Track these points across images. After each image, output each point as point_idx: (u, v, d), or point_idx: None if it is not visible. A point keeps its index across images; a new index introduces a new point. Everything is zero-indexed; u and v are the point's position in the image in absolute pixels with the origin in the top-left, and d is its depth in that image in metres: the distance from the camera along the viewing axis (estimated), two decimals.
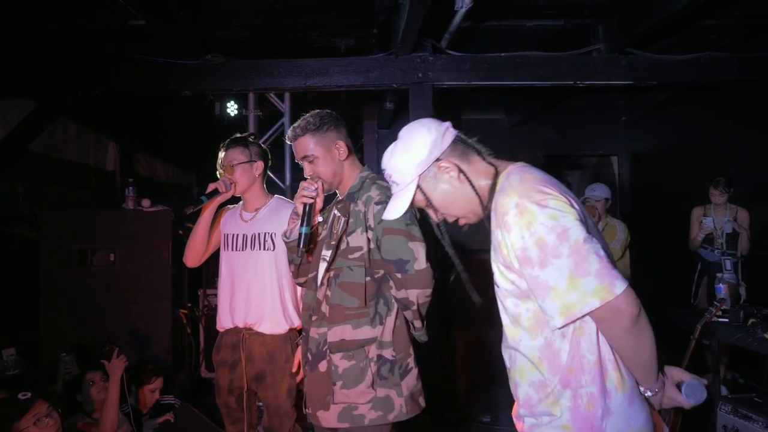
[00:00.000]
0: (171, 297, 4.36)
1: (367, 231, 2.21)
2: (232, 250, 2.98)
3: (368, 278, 2.21)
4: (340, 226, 2.26)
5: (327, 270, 2.26)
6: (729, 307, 3.62)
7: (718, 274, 4.04)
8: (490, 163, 1.59)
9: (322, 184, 2.26)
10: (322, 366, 2.24)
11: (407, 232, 2.16)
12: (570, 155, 7.40)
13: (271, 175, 4.79)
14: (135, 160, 6.07)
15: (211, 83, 4.25)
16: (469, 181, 1.56)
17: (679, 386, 1.53)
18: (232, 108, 4.62)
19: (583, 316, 1.37)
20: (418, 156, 1.56)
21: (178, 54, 4.07)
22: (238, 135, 2.98)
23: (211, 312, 4.60)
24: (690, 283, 4.78)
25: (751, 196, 4.99)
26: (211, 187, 2.79)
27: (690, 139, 5.91)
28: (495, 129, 6.38)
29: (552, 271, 1.35)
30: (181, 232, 4.34)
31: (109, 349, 3.26)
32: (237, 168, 2.89)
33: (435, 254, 2.94)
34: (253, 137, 3.01)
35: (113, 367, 3.17)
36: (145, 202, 4.31)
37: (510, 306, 1.52)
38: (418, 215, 2.18)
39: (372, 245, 2.21)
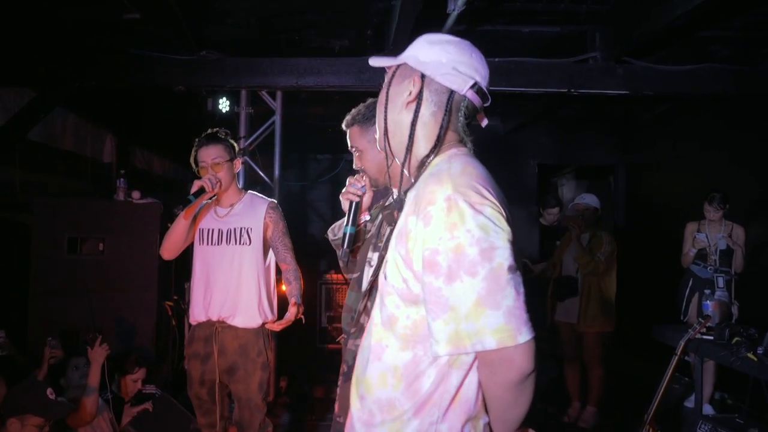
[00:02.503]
0: (157, 289, 4.39)
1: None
2: (208, 244, 3.01)
3: None
4: (386, 235, 2.07)
5: (374, 278, 2.05)
6: (714, 325, 3.57)
7: (706, 291, 3.97)
8: (439, 135, 1.32)
9: (369, 180, 2.14)
10: None
11: None
12: (565, 164, 7.34)
13: (260, 173, 4.81)
14: (132, 153, 6.14)
15: (204, 79, 4.29)
16: (414, 116, 1.33)
17: None
18: (224, 104, 4.66)
19: (470, 353, 1.16)
20: (422, 54, 1.35)
21: (173, 49, 4.11)
22: (215, 131, 2.99)
23: None
24: (681, 299, 4.72)
25: (749, 213, 4.92)
26: (196, 185, 2.80)
27: (688, 153, 5.85)
28: (489, 135, 6.35)
29: (458, 289, 1.12)
30: (169, 224, 4.36)
31: (93, 337, 3.30)
32: (222, 165, 2.92)
33: None
34: (226, 134, 3.02)
35: (95, 354, 3.21)
36: (135, 194, 4.35)
37: (389, 305, 1.28)
38: None
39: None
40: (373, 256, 2.18)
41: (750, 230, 4.62)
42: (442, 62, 1.32)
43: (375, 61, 1.47)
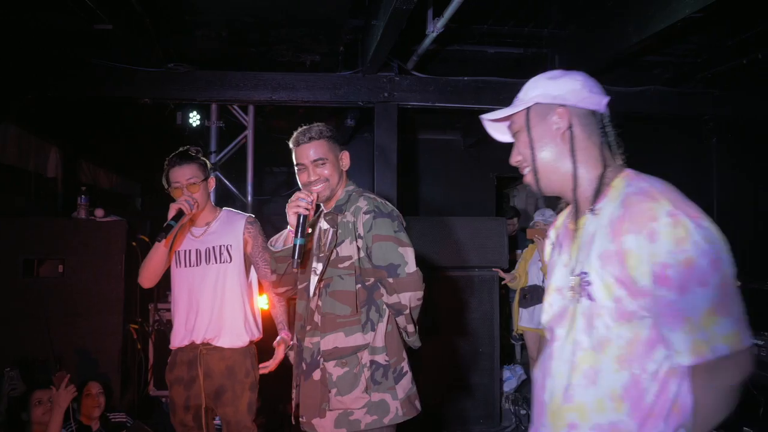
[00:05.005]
0: (123, 311, 4.18)
1: (356, 240, 2.27)
2: (186, 266, 2.91)
3: (359, 286, 2.26)
4: (329, 238, 2.32)
5: (319, 281, 2.30)
6: None
7: None
8: (604, 158, 1.40)
9: (317, 195, 2.29)
10: (316, 374, 2.26)
11: (396, 239, 2.25)
12: (521, 176, 7.65)
13: (233, 189, 4.71)
14: (78, 167, 5.79)
15: (173, 92, 4.16)
16: (571, 147, 1.39)
17: None
18: (194, 118, 4.52)
19: (714, 360, 1.20)
20: (552, 89, 1.42)
21: (141, 61, 3.96)
22: (187, 150, 2.88)
23: (162, 327, 4.44)
24: None
25: None
26: (174, 208, 2.65)
27: (638, 168, 6.25)
28: (450, 149, 6.55)
29: (692, 299, 1.18)
30: (134, 243, 4.19)
31: (59, 376, 3.07)
32: (198, 185, 2.84)
33: None
34: (197, 151, 2.93)
35: (60, 397, 2.99)
36: (99, 212, 4.13)
37: (600, 327, 1.29)
38: (405, 223, 2.28)
39: (362, 254, 2.26)
40: (318, 265, 2.34)
41: None
42: (577, 89, 1.40)
43: (493, 115, 1.52)
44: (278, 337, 3.04)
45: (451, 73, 4.46)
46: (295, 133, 2.36)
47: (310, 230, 2.38)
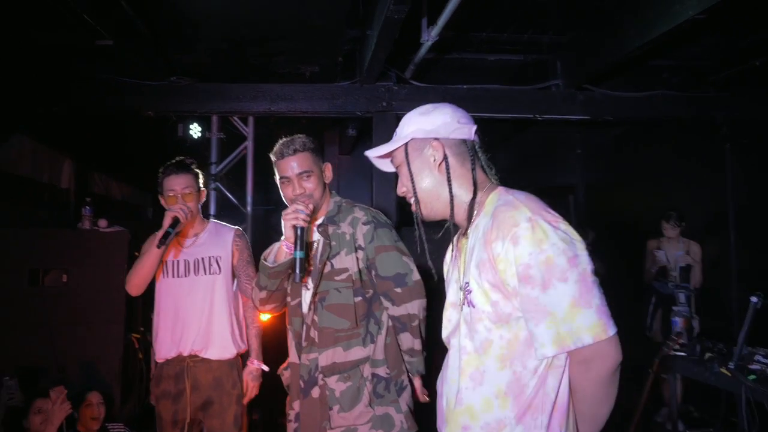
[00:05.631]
0: (124, 321, 4.23)
1: (356, 251, 2.23)
2: (174, 276, 2.91)
3: (358, 298, 2.22)
4: (320, 250, 2.27)
5: (313, 295, 2.25)
6: (685, 341, 3.70)
7: (674, 308, 4.13)
8: (475, 181, 1.51)
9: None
10: (315, 392, 2.23)
11: (399, 248, 2.24)
12: (526, 185, 7.54)
13: (233, 200, 4.75)
14: (90, 178, 5.93)
15: (175, 105, 4.23)
16: (448, 176, 1.50)
17: None
18: (195, 130, 4.59)
19: (576, 350, 1.29)
20: (425, 124, 1.52)
21: (144, 75, 4.04)
22: (183, 160, 2.91)
23: None
24: (644, 315, 4.90)
25: (704, 230, 5.19)
26: (169, 216, 2.67)
27: (645, 173, 6.13)
28: None
29: (554, 295, 1.28)
30: (137, 253, 4.23)
31: (57, 391, 3.09)
32: (192, 195, 2.86)
33: None
34: (192, 163, 2.95)
35: (55, 411, 3.00)
36: (102, 223, 4.21)
37: (481, 330, 1.39)
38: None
39: (362, 265, 2.22)
40: (308, 280, 2.28)
41: (705, 248, 4.87)
42: (448, 121, 1.52)
43: (375, 152, 1.61)
44: (247, 368, 2.98)
45: (451, 82, 4.43)
46: (277, 145, 2.31)
47: (314, 242, 2.31)
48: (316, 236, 2.31)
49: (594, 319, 1.26)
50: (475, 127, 1.56)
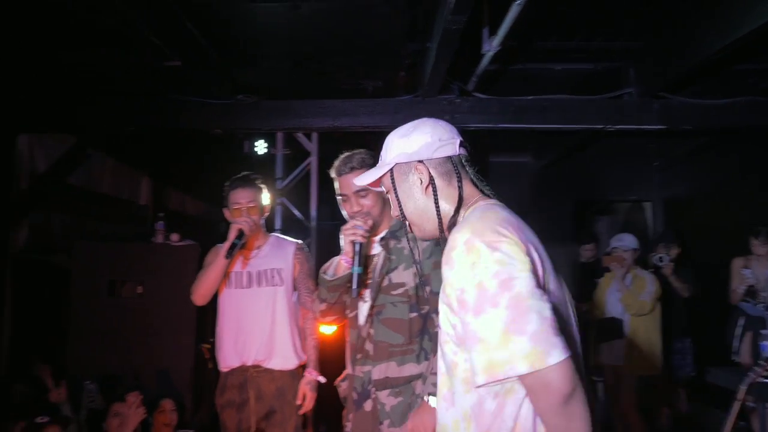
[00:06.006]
0: (195, 332, 4.38)
1: (414, 266, 2.20)
2: (237, 287, 2.99)
3: (414, 314, 2.19)
4: (379, 264, 2.28)
5: (371, 307, 2.26)
6: None
7: (763, 331, 3.81)
8: (460, 197, 1.48)
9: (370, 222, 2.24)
10: (368, 405, 2.22)
11: None
12: (600, 200, 7.25)
13: (297, 214, 4.83)
14: (166, 194, 6.23)
15: (241, 122, 4.35)
16: (435, 198, 1.48)
17: None
18: (260, 147, 4.72)
19: (507, 379, 1.21)
20: (407, 148, 1.51)
21: (211, 94, 4.19)
22: (248, 175, 3.01)
23: None
24: (731, 338, 4.55)
25: None
26: (235, 229, 2.81)
27: (728, 186, 5.73)
28: (522, 172, 6.31)
29: (485, 321, 1.20)
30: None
31: (133, 396, 3.24)
32: (256, 209, 2.94)
33: None
34: (256, 178, 3.05)
35: (130, 415, 3.15)
36: (174, 237, 4.39)
37: (448, 352, 1.36)
38: None
39: (417, 280, 2.20)
40: (366, 293, 2.27)
41: None
42: (429, 142, 1.50)
43: (363, 180, 1.61)
44: (304, 379, 3.01)
45: (516, 93, 4.32)
46: (336, 162, 2.33)
47: (375, 256, 2.33)
48: (378, 249, 2.32)
49: (528, 347, 1.16)
50: (459, 141, 1.53)
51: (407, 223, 1.57)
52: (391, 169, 1.54)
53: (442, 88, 4.14)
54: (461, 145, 1.53)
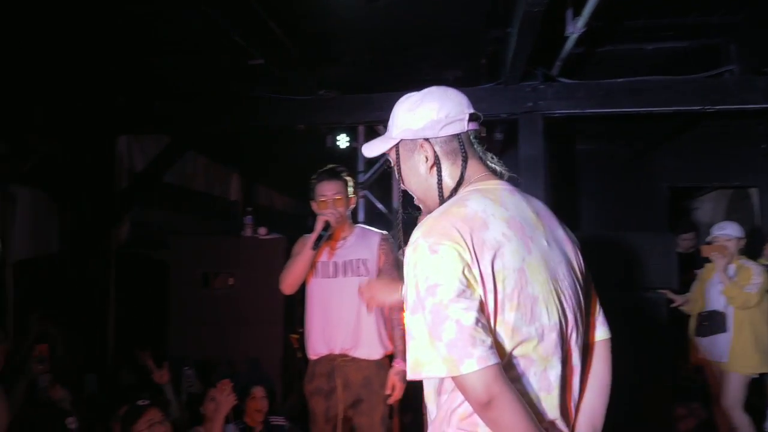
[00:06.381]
0: (283, 322, 4.52)
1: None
2: (323, 277, 3.05)
3: None
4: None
5: None
6: None
7: None
8: (462, 174, 1.45)
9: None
10: None
11: None
12: (700, 187, 6.79)
13: (380, 206, 4.87)
14: (255, 190, 6.47)
15: (323, 117, 4.42)
16: (438, 178, 1.45)
17: None
18: (342, 141, 4.78)
19: (431, 377, 1.27)
20: (412, 123, 1.46)
21: (294, 90, 4.29)
22: (335, 167, 3.07)
23: None
24: None
25: None
26: (321, 220, 2.88)
27: None
28: (613, 159, 6.01)
29: (415, 321, 1.25)
30: None
31: (224, 383, 3.35)
32: (342, 201, 3.00)
33: None
34: (342, 170, 3.11)
35: (222, 401, 3.27)
36: (262, 230, 4.55)
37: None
38: None
39: None
40: None
41: None
42: (435, 119, 1.43)
43: (370, 151, 1.58)
44: (393, 369, 3.02)
45: (604, 76, 4.12)
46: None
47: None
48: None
49: (444, 353, 1.19)
50: (468, 115, 1.45)
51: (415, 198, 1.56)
52: (397, 146, 1.50)
53: (524, 74, 4.02)
54: (471, 119, 1.46)
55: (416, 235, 1.30)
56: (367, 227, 3.22)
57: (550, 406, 1.31)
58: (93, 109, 4.40)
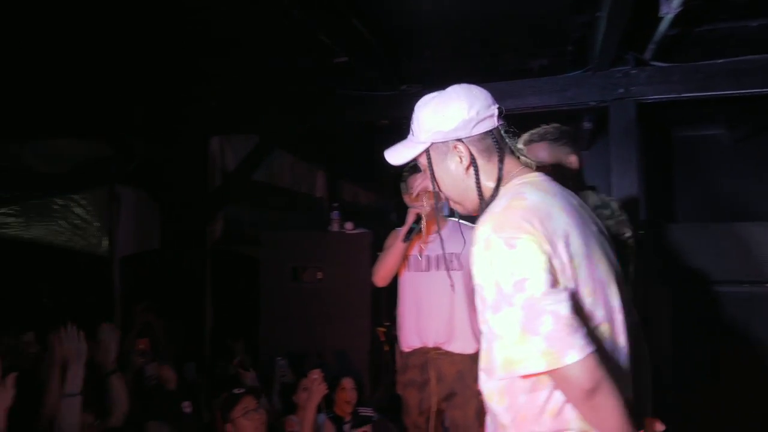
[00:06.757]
0: (371, 315, 4.58)
1: None
2: (417, 270, 3.06)
3: None
4: None
5: None
6: None
7: None
8: (500, 175, 1.44)
9: None
10: None
11: None
12: None
13: None
14: (340, 187, 6.59)
15: (406, 112, 4.41)
16: (476, 178, 1.43)
17: None
18: None
19: (527, 375, 1.23)
20: (443, 125, 1.44)
21: (377, 86, 4.33)
22: None
23: None
24: None
25: None
26: (413, 213, 2.91)
27: None
28: (713, 146, 5.65)
29: (502, 319, 1.23)
30: (379, 252, 4.58)
31: (314, 373, 3.43)
32: (434, 193, 3.00)
33: None
34: None
35: (313, 390, 3.35)
36: (348, 225, 4.63)
37: (485, 328, 1.35)
38: None
39: None
40: None
41: None
42: (466, 118, 1.42)
43: (396, 158, 1.55)
44: None
45: (701, 59, 3.89)
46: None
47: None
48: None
49: (543, 347, 1.18)
50: (496, 110, 1.45)
51: (449, 201, 1.55)
52: (428, 150, 1.48)
53: (615, 59, 3.87)
54: (500, 114, 1.47)
55: (485, 231, 1.28)
56: (462, 221, 3.20)
57: (625, 388, 1.31)
58: (187, 110, 4.64)
